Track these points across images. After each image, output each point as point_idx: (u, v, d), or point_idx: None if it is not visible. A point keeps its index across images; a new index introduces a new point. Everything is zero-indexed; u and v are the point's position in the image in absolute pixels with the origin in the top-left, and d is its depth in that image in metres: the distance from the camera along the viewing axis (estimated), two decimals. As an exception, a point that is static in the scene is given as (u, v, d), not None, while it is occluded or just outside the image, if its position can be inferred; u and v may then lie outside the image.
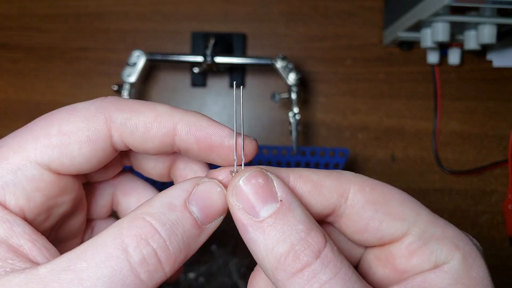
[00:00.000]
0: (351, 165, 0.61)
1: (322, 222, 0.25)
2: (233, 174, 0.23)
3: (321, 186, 0.23)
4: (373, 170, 0.62)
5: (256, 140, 0.24)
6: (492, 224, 0.62)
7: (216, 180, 0.22)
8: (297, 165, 0.55)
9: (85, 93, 0.63)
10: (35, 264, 0.20)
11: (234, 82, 0.25)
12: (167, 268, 0.20)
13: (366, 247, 0.26)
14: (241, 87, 0.27)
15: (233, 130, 0.23)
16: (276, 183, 0.21)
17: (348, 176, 0.24)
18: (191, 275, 0.58)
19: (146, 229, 0.19)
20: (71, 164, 0.23)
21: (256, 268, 0.24)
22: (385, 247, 0.24)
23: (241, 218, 0.21)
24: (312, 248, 0.20)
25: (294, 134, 0.55)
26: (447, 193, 0.62)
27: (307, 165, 0.55)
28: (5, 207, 0.21)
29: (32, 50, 0.63)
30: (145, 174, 0.29)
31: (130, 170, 0.32)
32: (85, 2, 0.63)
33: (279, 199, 0.21)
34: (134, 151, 0.25)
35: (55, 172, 0.23)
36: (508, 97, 0.62)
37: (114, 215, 0.32)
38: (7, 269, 0.19)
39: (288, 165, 0.55)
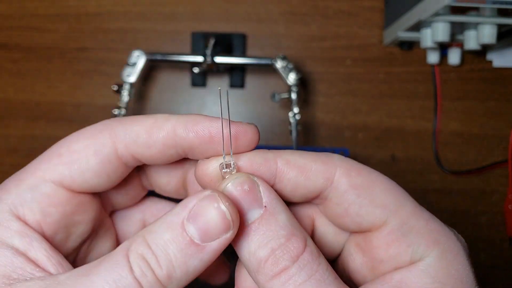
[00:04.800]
0: (351, 165, 0.61)
1: (310, 203, 0.26)
2: (223, 166, 0.23)
3: (308, 171, 0.23)
4: (373, 170, 0.62)
5: (254, 125, 0.24)
6: (492, 224, 0.61)
7: (216, 194, 0.21)
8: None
9: (85, 93, 0.63)
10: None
11: (219, 89, 0.26)
12: (166, 282, 0.21)
13: (350, 233, 0.26)
14: (227, 91, 0.28)
15: (230, 120, 0.24)
16: (262, 188, 0.22)
17: (336, 160, 0.24)
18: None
19: (142, 246, 0.21)
20: (82, 180, 0.24)
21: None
22: (365, 234, 0.24)
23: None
24: (291, 253, 0.21)
25: (294, 134, 0.55)
26: (447, 193, 0.62)
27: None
28: (25, 223, 0.23)
29: (32, 50, 0.63)
30: (164, 193, 0.31)
31: (155, 195, 0.32)
32: (85, 2, 0.63)
33: (264, 204, 0.22)
34: (143, 162, 0.25)
35: (69, 189, 0.24)
36: (508, 97, 0.62)
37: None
38: (27, 278, 0.21)
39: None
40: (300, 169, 0.23)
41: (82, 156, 0.24)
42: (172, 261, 0.21)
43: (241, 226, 0.21)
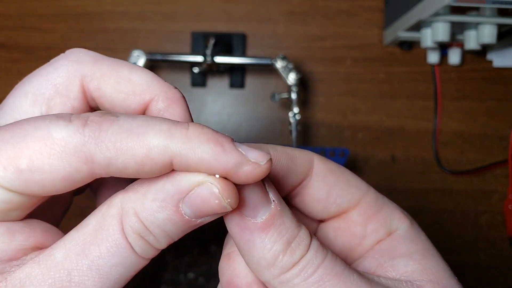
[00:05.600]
0: (351, 165, 0.61)
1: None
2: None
3: (295, 158, 0.25)
4: (373, 170, 0.62)
5: (268, 160, 0.20)
6: (492, 224, 0.61)
7: (216, 185, 0.20)
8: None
9: (84, 93, 0.63)
10: (44, 248, 0.21)
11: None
12: (163, 247, 0.22)
13: (320, 222, 0.28)
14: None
15: (240, 153, 0.20)
16: (267, 184, 0.22)
17: (309, 150, 0.26)
18: (191, 275, 0.58)
19: (139, 226, 0.20)
20: (43, 195, 0.21)
21: (229, 254, 0.25)
22: (342, 217, 0.26)
23: (238, 221, 0.21)
24: (304, 242, 0.22)
25: (294, 134, 0.55)
26: (447, 193, 0.62)
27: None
28: None
29: (31, 50, 0.63)
30: None
31: None
32: (85, 1, 0.63)
33: (272, 199, 0.22)
34: None
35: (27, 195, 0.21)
36: (508, 97, 0.62)
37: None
38: (19, 265, 0.20)
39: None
40: (288, 156, 0.24)
41: (47, 179, 0.20)
42: (170, 236, 0.21)
43: (252, 224, 0.21)
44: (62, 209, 0.29)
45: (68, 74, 0.24)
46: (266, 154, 0.20)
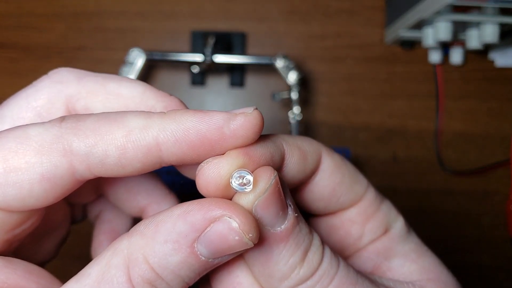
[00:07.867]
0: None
1: None
2: (239, 183, 0.19)
3: (306, 153, 0.22)
4: (375, 171, 0.61)
5: (256, 112, 0.19)
6: (494, 225, 0.61)
7: (235, 218, 0.18)
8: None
9: (83, 93, 0.62)
10: None
11: None
12: None
13: (309, 217, 0.26)
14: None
15: (225, 112, 0.19)
16: (281, 187, 0.20)
17: (316, 141, 0.24)
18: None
19: (150, 274, 0.18)
20: (21, 205, 0.19)
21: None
22: (337, 214, 0.25)
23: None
24: (319, 250, 0.20)
25: (294, 134, 0.54)
26: (449, 193, 0.61)
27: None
28: None
29: (30, 50, 0.63)
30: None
31: None
32: (83, 1, 0.62)
33: (288, 204, 0.19)
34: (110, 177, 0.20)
35: (4, 210, 0.19)
36: (510, 97, 0.62)
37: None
38: None
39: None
40: (300, 151, 0.22)
41: (24, 180, 0.18)
42: (185, 281, 0.19)
43: (271, 234, 0.19)
44: (56, 241, 0.27)
45: (50, 95, 0.22)
46: (249, 107, 0.19)
